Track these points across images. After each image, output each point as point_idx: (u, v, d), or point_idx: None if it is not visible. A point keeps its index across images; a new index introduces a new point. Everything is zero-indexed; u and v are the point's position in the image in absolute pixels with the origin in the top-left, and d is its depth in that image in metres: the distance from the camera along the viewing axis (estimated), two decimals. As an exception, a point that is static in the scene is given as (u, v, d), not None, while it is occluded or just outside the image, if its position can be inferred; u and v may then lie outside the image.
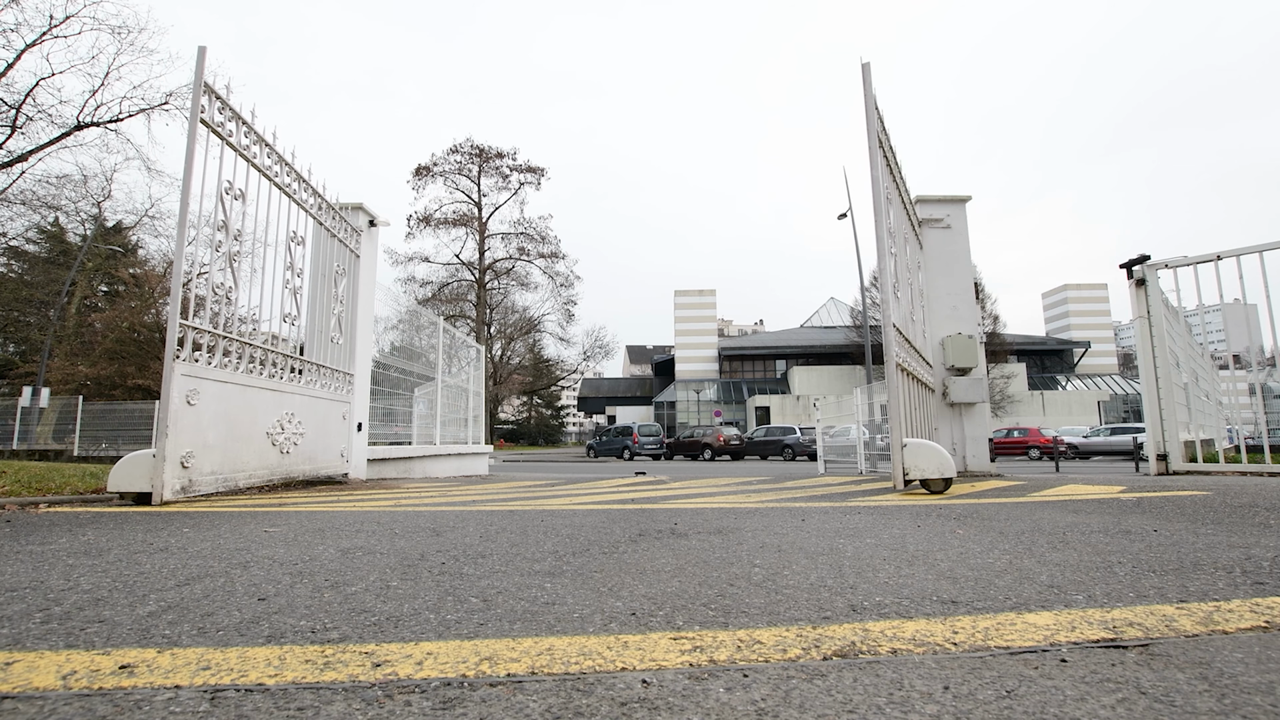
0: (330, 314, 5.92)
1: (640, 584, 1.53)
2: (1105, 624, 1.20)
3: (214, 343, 4.00)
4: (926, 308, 6.19)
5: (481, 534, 2.36)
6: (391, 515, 3.05)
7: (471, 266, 37.59)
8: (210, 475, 3.92)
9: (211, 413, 3.93)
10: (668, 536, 2.26)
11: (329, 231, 6.24)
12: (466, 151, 36.48)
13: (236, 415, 4.19)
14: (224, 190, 3.95)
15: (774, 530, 2.39)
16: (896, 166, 5.10)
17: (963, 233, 6.35)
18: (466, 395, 10.01)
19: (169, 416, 3.60)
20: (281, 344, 4.89)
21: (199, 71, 3.72)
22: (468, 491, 4.75)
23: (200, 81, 3.73)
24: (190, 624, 1.24)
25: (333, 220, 5.92)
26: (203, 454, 3.84)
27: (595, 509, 3.25)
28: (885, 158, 4.57)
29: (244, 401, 4.29)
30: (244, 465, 4.27)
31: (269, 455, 4.67)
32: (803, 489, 4.53)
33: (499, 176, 36.89)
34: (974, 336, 6.07)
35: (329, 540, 2.23)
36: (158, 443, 3.65)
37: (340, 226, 6.12)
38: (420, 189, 37.04)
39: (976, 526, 2.42)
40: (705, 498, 3.83)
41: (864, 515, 2.83)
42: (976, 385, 5.92)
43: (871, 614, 1.27)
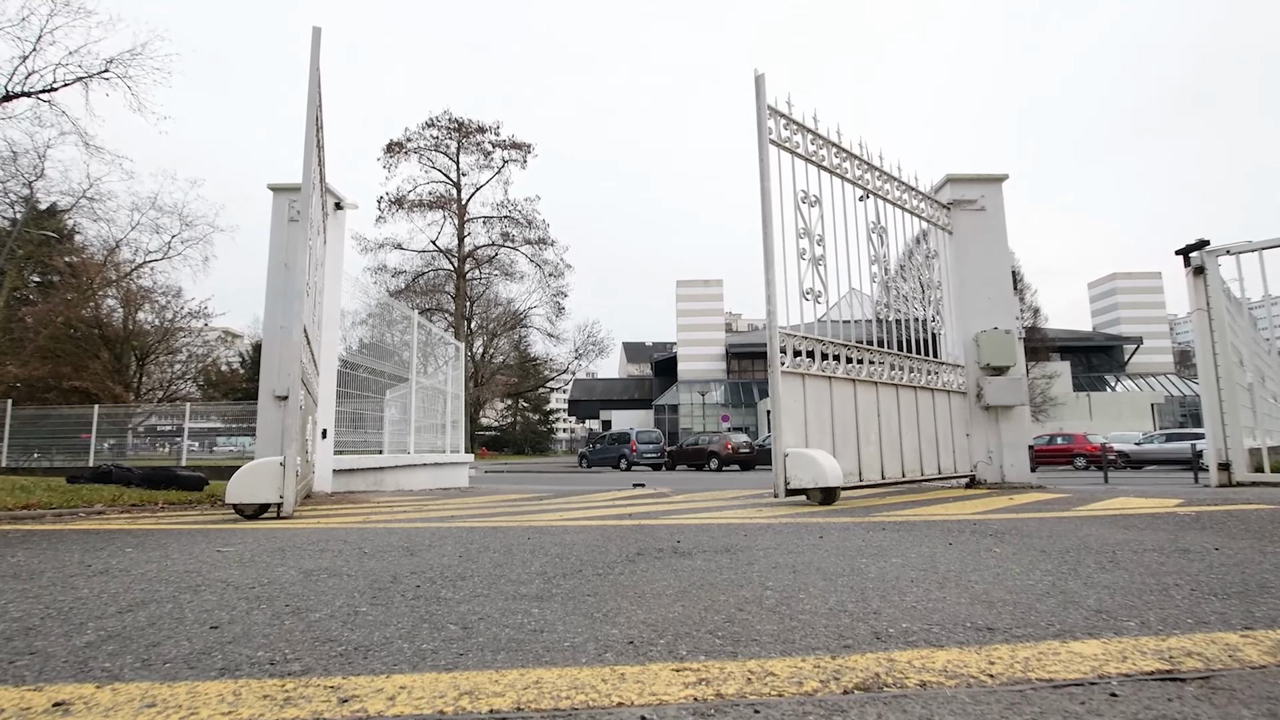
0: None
1: (639, 609, 1.53)
2: (1160, 654, 1.20)
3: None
4: (956, 300, 6.19)
5: (461, 553, 2.36)
6: (360, 532, 3.05)
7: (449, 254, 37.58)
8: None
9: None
10: (669, 556, 2.26)
11: (290, 218, 6.23)
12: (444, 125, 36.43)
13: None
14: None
15: (788, 549, 2.39)
16: (848, 155, 5.24)
17: (998, 215, 6.36)
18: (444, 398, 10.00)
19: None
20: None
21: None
22: (446, 506, 4.75)
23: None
24: (133, 655, 1.24)
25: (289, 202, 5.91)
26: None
27: (588, 525, 3.24)
28: (820, 162, 4.99)
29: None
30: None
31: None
32: (844, 500, 4.52)
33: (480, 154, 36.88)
34: (1012, 331, 6.07)
35: (290, 561, 2.23)
36: (286, 448, 3.75)
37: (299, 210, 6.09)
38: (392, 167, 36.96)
39: (1015, 544, 2.42)
40: (711, 512, 3.82)
41: (889, 532, 2.83)
42: (1015, 386, 5.93)
43: (897, 642, 1.27)
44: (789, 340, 4.73)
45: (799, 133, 5.07)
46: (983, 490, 5.55)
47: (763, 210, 4.63)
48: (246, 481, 3.71)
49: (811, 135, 5.16)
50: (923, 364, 5.73)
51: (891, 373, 5.41)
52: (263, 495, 3.70)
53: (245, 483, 3.71)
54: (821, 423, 4.76)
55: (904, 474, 5.27)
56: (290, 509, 3.72)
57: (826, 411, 4.82)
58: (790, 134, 4.98)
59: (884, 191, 5.71)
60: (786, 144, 4.92)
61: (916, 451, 5.43)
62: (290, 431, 3.84)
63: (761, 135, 4.77)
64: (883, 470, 5.11)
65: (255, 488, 3.71)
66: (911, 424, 5.44)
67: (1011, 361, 6.00)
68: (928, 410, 5.62)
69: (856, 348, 5.17)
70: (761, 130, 4.78)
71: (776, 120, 4.91)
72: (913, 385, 5.53)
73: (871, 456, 5.05)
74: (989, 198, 6.36)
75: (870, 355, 5.29)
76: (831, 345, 4.96)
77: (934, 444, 5.60)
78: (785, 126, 4.97)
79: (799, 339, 4.79)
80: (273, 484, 3.72)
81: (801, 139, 5.07)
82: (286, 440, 3.86)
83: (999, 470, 5.90)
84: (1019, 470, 5.90)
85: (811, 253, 4.91)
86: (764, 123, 4.78)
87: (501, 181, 38.05)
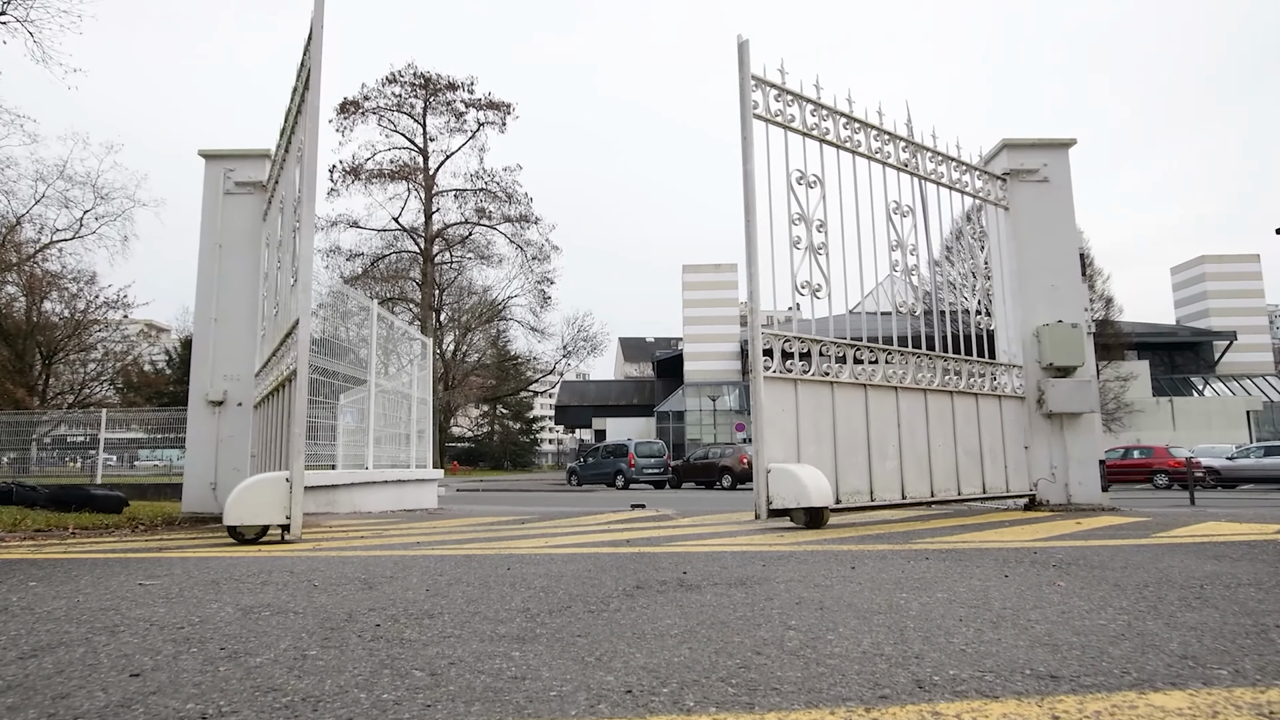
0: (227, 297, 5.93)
1: (638, 651, 1.53)
2: (1258, 708, 1.20)
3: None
4: (1013, 288, 6.20)
5: (428, 586, 2.37)
6: (309, 561, 3.05)
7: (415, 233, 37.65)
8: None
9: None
10: (674, 589, 2.26)
11: (227, 191, 6.23)
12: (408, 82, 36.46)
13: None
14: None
15: (814, 581, 2.39)
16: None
17: (1064, 187, 6.37)
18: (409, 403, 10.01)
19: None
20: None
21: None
22: (411, 530, 4.75)
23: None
24: (38, 709, 1.24)
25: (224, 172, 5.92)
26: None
27: (579, 553, 3.25)
28: (820, 133, 5.05)
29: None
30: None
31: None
32: (851, 526, 4.53)
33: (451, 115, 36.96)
34: (1080, 325, 6.08)
35: (226, 595, 2.23)
36: (292, 462, 3.85)
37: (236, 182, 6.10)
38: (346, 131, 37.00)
39: (1083, 577, 2.43)
40: (723, 538, 3.83)
41: (933, 562, 2.84)
42: (1083, 390, 5.94)
43: (944, 692, 1.27)
44: (776, 340, 4.82)
45: (795, 103, 5.14)
46: (1044, 512, 5.55)
47: (745, 195, 4.74)
48: (248, 500, 3.80)
49: (812, 105, 5.23)
50: (963, 364, 5.75)
51: (919, 375, 5.46)
52: (265, 516, 3.81)
53: (247, 501, 3.79)
54: (819, 434, 4.84)
55: (934, 493, 5.32)
56: (298, 531, 3.87)
57: (826, 421, 4.90)
58: (783, 106, 5.06)
59: (912, 165, 5.76)
60: (778, 118, 5.02)
61: (952, 468, 5.47)
62: (296, 441, 3.91)
63: (745, 109, 4.87)
64: (904, 489, 5.16)
65: (258, 507, 3.81)
66: (945, 435, 5.48)
67: (1079, 360, 6.01)
68: (968, 419, 5.65)
69: (869, 347, 5.22)
70: (745, 104, 4.87)
71: (764, 92, 5.00)
72: (947, 390, 5.56)
73: (887, 473, 5.10)
74: (1053, 167, 6.37)
75: (889, 355, 5.34)
76: (834, 345, 5.03)
77: (977, 458, 5.63)
78: (776, 98, 5.05)
79: (789, 339, 4.87)
80: (278, 503, 3.83)
81: (798, 111, 5.15)
82: (293, 451, 3.92)
83: (1064, 489, 5.91)
84: (1088, 489, 5.91)
85: (809, 241, 5.00)
86: (748, 95, 4.88)
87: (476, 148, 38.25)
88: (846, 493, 4.87)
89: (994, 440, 5.78)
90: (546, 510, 7.54)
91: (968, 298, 6.16)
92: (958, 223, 6.25)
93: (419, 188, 37.26)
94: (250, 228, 6.21)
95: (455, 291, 42.03)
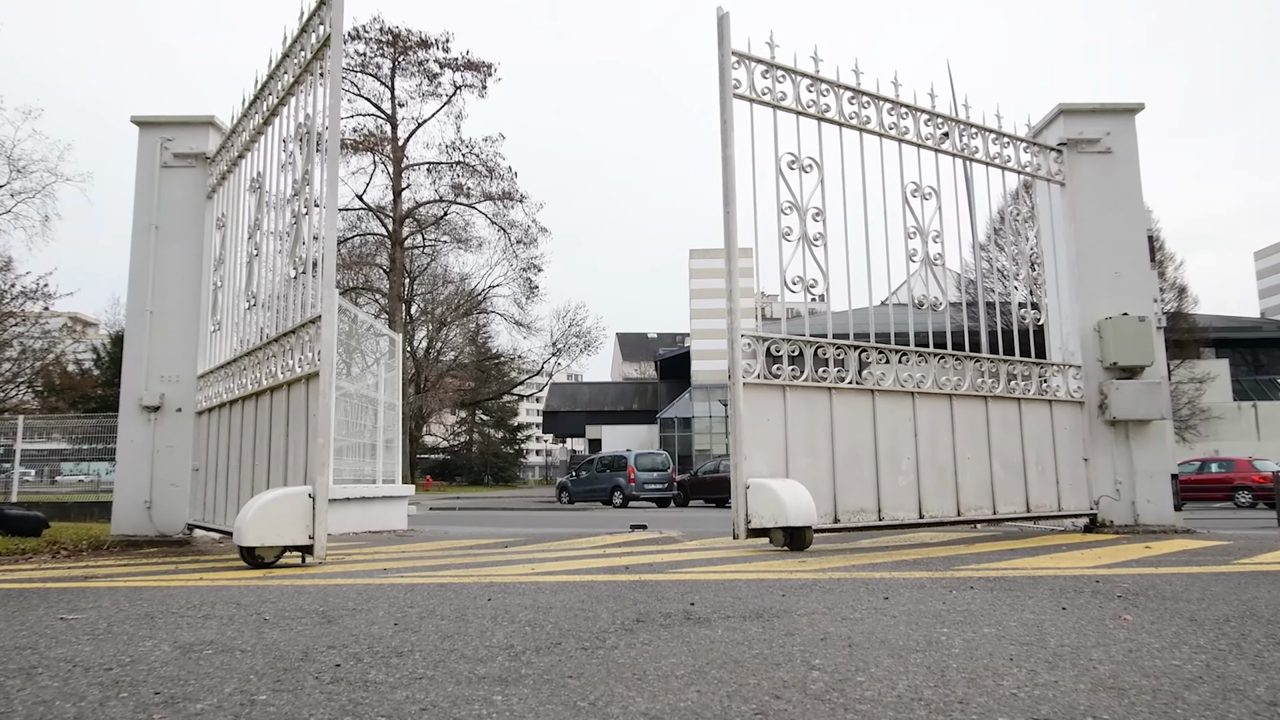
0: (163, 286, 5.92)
1: (639, 695, 1.53)
2: (1354, 759, 1.19)
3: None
4: (1070, 275, 6.19)
5: (397, 620, 2.37)
6: (259, 591, 3.05)
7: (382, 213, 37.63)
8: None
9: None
10: (680, 623, 2.26)
11: (164, 164, 6.23)
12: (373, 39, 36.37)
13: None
14: None
15: (841, 614, 2.39)
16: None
17: (1130, 160, 6.36)
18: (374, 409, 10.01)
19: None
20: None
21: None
22: (376, 555, 4.76)
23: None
24: (-54, 760, 1.24)
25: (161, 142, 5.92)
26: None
27: (571, 581, 3.25)
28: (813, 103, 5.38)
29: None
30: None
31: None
32: (883, 549, 4.53)
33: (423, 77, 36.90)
34: (1148, 318, 6.08)
35: (162, 632, 2.23)
36: (315, 475, 4.04)
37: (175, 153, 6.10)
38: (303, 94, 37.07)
39: (1153, 610, 2.42)
40: (736, 564, 3.83)
41: (980, 591, 2.84)
42: (1152, 393, 5.93)
43: (994, 744, 1.27)
44: (759, 344, 4.93)
45: (787, 79, 5.23)
46: (1107, 535, 5.55)
47: (724, 184, 4.87)
48: (273, 516, 3.96)
49: (809, 80, 5.31)
50: (1001, 365, 5.77)
51: (943, 378, 5.49)
52: (289, 535, 3.98)
53: (271, 518, 3.96)
54: (813, 446, 4.94)
55: (960, 512, 5.36)
56: (323, 552, 4.05)
57: (822, 431, 4.99)
58: (772, 83, 5.16)
59: (935, 140, 5.81)
60: (765, 97, 5.12)
61: (985, 483, 5.50)
62: (320, 452, 4.06)
63: (725, 89, 4.97)
64: (921, 507, 5.21)
65: (282, 525, 3.97)
66: (977, 446, 5.51)
67: (1148, 359, 6.00)
68: (1008, 427, 5.67)
69: (878, 348, 5.28)
70: (725, 83, 4.97)
71: (749, 68, 5.10)
72: (979, 394, 5.58)
73: (900, 490, 5.16)
74: (1117, 136, 6.36)
75: (903, 356, 5.39)
76: (832, 346, 5.12)
77: (1019, 472, 5.65)
78: (764, 74, 5.15)
79: (776, 341, 4.98)
80: (302, 521, 4.01)
81: (790, 87, 5.23)
82: (315, 463, 4.04)
83: (1129, 508, 5.91)
84: (1157, 508, 5.91)
85: (803, 231, 5.09)
86: (727, 73, 4.99)
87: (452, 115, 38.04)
88: (848, 511, 4.96)
89: (1042, 452, 5.78)
90: (533, 532, 7.54)
91: (1010, 289, 6.16)
92: (1003, 203, 6.25)
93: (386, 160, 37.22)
94: (192, 206, 6.21)
95: (428, 280, 42.04)
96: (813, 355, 5.05)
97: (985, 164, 6.05)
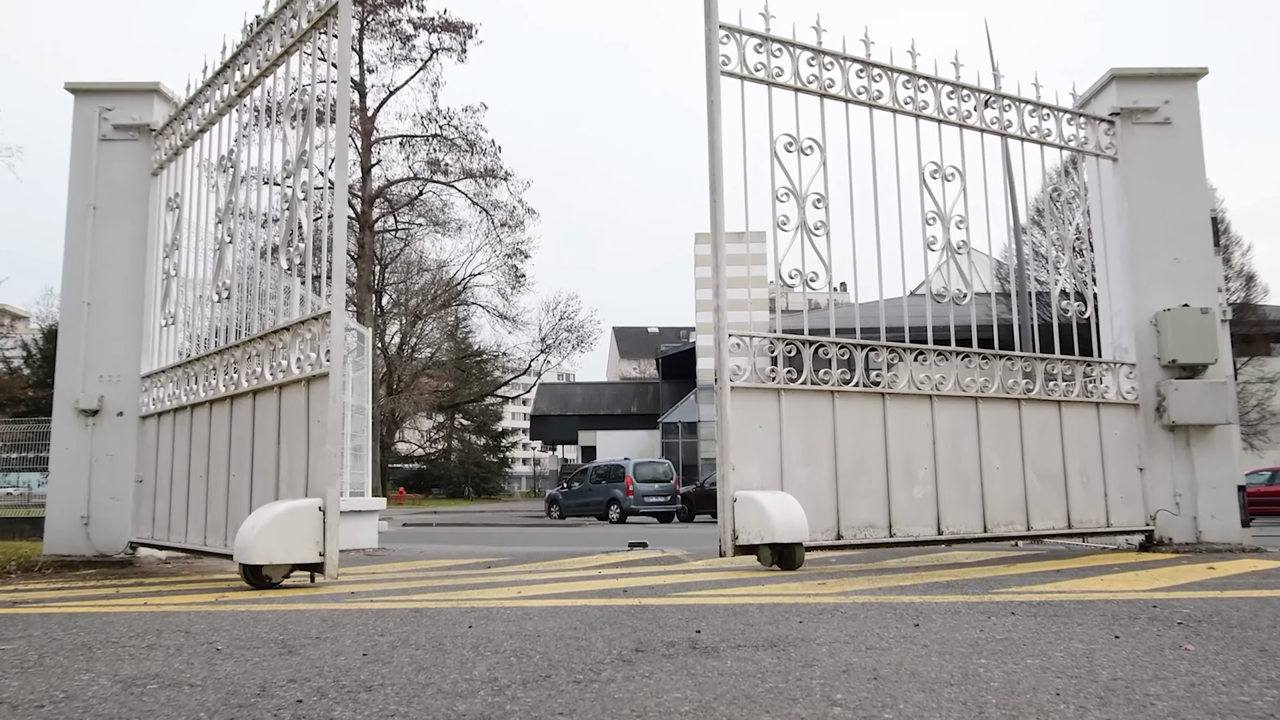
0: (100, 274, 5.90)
1: (639, 738, 1.52)
2: None
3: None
4: (1122, 262, 6.19)
5: (366, 650, 2.36)
6: (211, 618, 3.03)
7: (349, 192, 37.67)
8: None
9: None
10: (685, 653, 2.25)
11: (103, 136, 6.20)
12: (337, -7, 36.42)
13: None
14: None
15: (866, 642, 2.39)
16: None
17: (1192, 131, 6.35)
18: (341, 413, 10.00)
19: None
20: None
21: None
22: (343, 576, 4.73)
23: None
24: None
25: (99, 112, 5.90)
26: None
27: (562, 606, 3.24)
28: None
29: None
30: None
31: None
32: (913, 570, 4.53)
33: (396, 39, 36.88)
34: (1211, 311, 6.07)
35: (101, 664, 2.22)
36: (326, 486, 4.15)
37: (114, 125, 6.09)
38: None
39: (1218, 639, 2.42)
40: (747, 586, 3.83)
41: (1021, 618, 2.83)
42: (1216, 395, 5.92)
43: (1042, 790, 1.26)
44: (749, 343, 5.02)
45: (784, 52, 5.29)
46: (1165, 554, 5.55)
47: (710, 171, 4.99)
48: (281, 532, 4.05)
49: (810, 53, 5.36)
50: (1037, 364, 5.80)
51: (967, 379, 5.51)
52: (299, 553, 4.10)
53: (279, 534, 4.04)
54: (813, 455, 4.99)
55: (987, 528, 5.38)
56: (334, 570, 4.18)
57: (823, 438, 5.04)
58: (766, 58, 5.23)
59: (961, 115, 5.82)
60: (758, 73, 5.18)
61: (1018, 496, 5.52)
62: (330, 460, 4.17)
63: (711, 66, 5.05)
64: (940, 522, 5.23)
65: (291, 542, 4.08)
66: (1008, 454, 5.53)
67: (1211, 356, 5.99)
68: (1045, 432, 5.69)
69: (890, 346, 5.32)
70: (711, 60, 5.05)
71: (739, 42, 5.17)
72: (1011, 396, 5.60)
73: (915, 503, 5.20)
74: (1176, 105, 6.34)
75: (919, 355, 5.43)
76: (835, 345, 5.18)
77: (1058, 484, 5.66)
78: (758, 48, 5.22)
79: (769, 339, 5.07)
80: (312, 537, 4.12)
81: (787, 62, 5.29)
82: (324, 473, 4.15)
83: (1190, 523, 5.90)
84: (1223, 523, 5.90)
85: (801, 219, 5.14)
86: (714, 49, 5.06)
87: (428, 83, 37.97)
88: (853, 526, 5.00)
89: (1086, 460, 5.78)
90: (519, 551, 7.53)
91: (1050, 279, 6.17)
92: (1044, 181, 6.24)
93: (354, 133, 37.26)
94: (135, 184, 6.19)
95: (402, 268, 42.03)
96: (812, 355, 5.10)
97: (1021, 139, 6.05)
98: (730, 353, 4.83)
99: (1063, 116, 6.25)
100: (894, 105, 5.56)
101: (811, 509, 4.70)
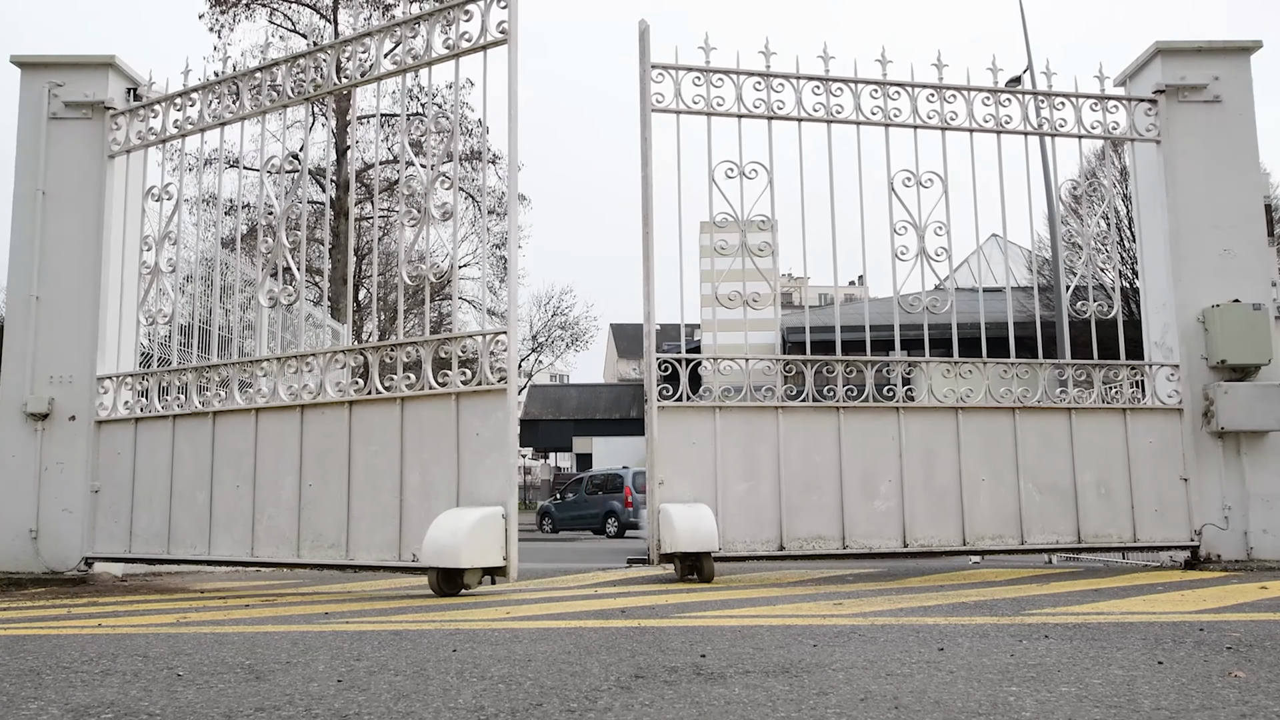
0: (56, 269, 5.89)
1: (635, 774, 1.51)
2: None
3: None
4: (1161, 252, 6.18)
5: (340, 676, 2.35)
6: (172, 640, 3.03)
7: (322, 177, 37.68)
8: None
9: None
10: (689, 679, 2.24)
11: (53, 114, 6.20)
12: (311, -41, 36.45)
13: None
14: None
15: (886, 668, 2.38)
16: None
17: (1244, 111, 6.33)
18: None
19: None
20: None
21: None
22: (317, 595, 4.75)
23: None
24: None
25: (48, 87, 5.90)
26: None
27: (555, 628, 3.24)
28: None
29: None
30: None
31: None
32: (938, 589, 4.52)
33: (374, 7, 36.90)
34: (1264, 307, 6.05)
35: (50, 692, 2.21)
36: (507, 496, 4.73)
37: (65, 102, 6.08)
38: (224, 30, 36.98)
39: (1271, 666, 2.40)
40: (757, 607, 3.82)
41: (1055, 641, 2.83)
42: (1270, 399, 5.90)
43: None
44: (680, 365, 5.71)
45: (725, 82, 5.82)
46: (1213, 572, 5.54)
47: (643, 203, 5.68)
48: (478, 537, 4.49)
49: (757, 78, 5.85)
50: (1039, 370, 5.90)
51: (945, 388, 5.75)
52: (490, 557, 4.56)
53: (477, 539, 4.48)
54: (753, 470, 5.54)
55: (966, 541, 5.62)
56: (515, 575, 4.69)
57: (766, 453, 5.57)
58: (704, 89, 5.79)
59: (945, 116, 6.08)
60: (695, 106, 5.76)
61: (1013, 509, 5.67)
62: (509, 472, 4.71)
63: (644, 105, 5.66)
64: (906, 534, 5.54)
65: (485, 547, 4.52)
66: (1001, 464, 5.72)
67: (1264, 357, 5.97)
68: (1048, 442, 5.79)
69: (846, 361, 5.71)
70: (644, 99, 5.67)
71: (674, 79, 5.75)
72: (1001, 405, 5.76)
73: (876, 515, 5.56)
74: (1227, 82, 6.32)
75: (884, 368, 5.78)
76: (776, 361, 5.81)
77: (1069, 497, 5.73)
78: (696, 81, 5.76)
79: (698, 362, 5.70)
80: (496, 543, 4.59)
81: (729, 91, 5.82)
82: (502, 479, 4.71)
83: (1241, 539, 5.89)
84: (1276, 540, 5.89)
85: (742, 241, 5.87)
86: (648, 88, 5.69)
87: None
88: (800, 538, 5.46)
89: (1110, 471, 5.83)
90: (507, 568, 7.53)
91: (1072, 273, 6.24)
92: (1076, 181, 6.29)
93: (329, 112, 37.27)
94: (90, 168, 6.18)
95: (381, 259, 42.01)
96: (759, 373, 5.66)
97: (1025, 135, 6.21)
98: (657, 376, 5.56)
99: (1087, 103, 6.30)
100: (855, 119, 5.94)
101: (752, 521, 5.42)
